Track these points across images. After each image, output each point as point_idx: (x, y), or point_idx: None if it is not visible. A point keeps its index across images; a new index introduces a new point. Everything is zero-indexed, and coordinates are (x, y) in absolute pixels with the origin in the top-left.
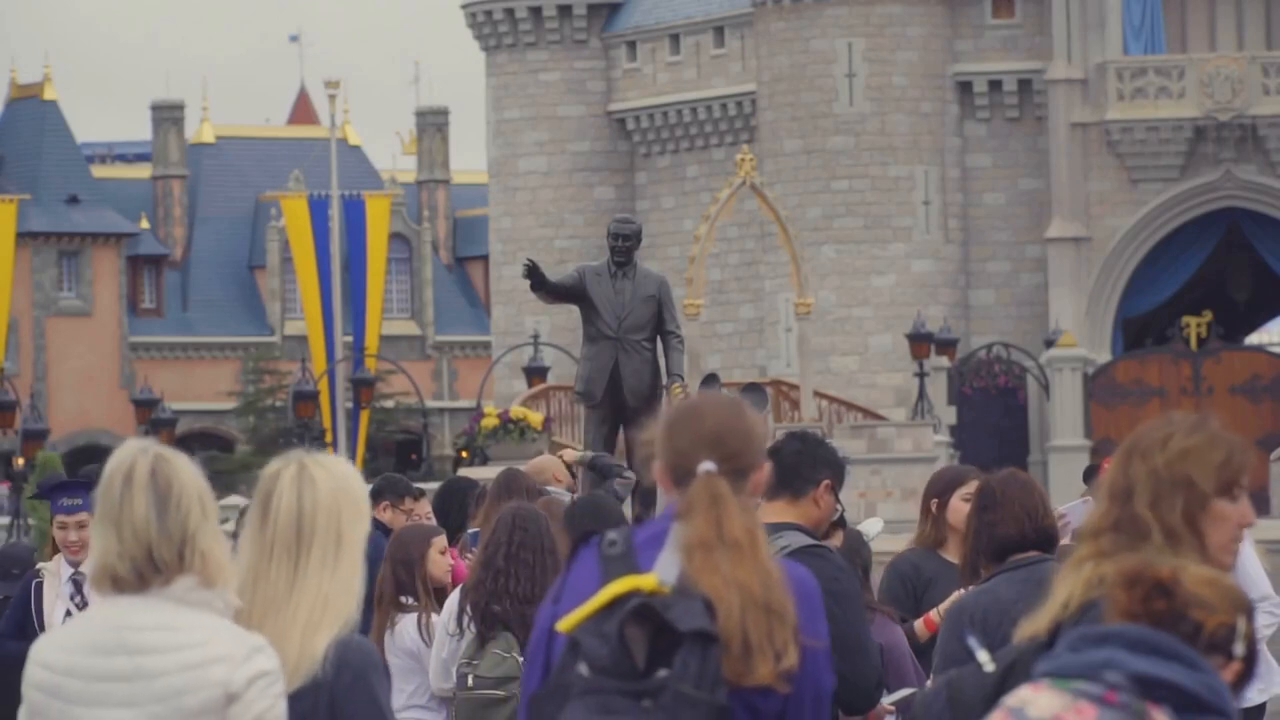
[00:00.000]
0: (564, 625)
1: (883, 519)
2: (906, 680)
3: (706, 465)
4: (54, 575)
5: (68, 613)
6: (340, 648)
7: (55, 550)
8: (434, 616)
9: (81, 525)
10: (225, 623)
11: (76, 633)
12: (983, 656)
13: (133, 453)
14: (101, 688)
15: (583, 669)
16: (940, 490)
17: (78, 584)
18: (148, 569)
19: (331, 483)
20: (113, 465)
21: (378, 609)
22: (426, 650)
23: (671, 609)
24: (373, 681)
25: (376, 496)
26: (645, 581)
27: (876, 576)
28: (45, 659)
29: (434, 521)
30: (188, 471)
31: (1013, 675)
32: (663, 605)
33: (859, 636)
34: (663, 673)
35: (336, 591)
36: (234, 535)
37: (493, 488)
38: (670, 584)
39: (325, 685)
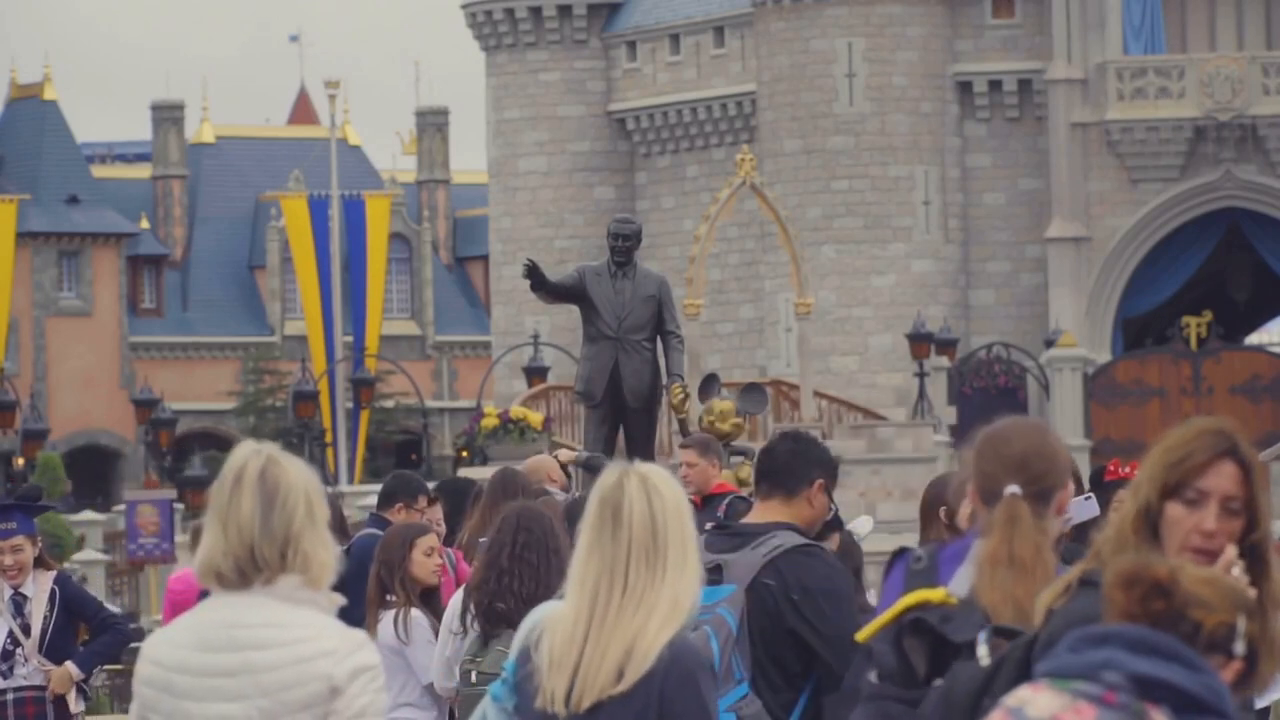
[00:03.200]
0: (862, 635)
1: (873, 518)
2: None
3: (1011, 488)
4: None
5: (9, 633)
6: (673, 646)
7: None
8: (413, 613)
9: (17, 549)
10: (330, 619)
11: (187, 630)
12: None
13: (246, 454)
14: (210, 683)
15: (872, 676)
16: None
17: (18, 604)
18: (249, 567)
19: (672, 489)
20: (227, 465)
21: (369, 609)
22: (404, 647)
23: (950, 621)
24: (699, 680)
25: (389, 499)
26: (935, 594)
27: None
28: (156, 656)
29: (443, 526)
30: (298, 475)
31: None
32: (940, 617)
33: (851, 636)
34: (938, 682)
35: (685, 592)
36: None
37: (490, 488)
38: (959, 597)
39: (656, 681)
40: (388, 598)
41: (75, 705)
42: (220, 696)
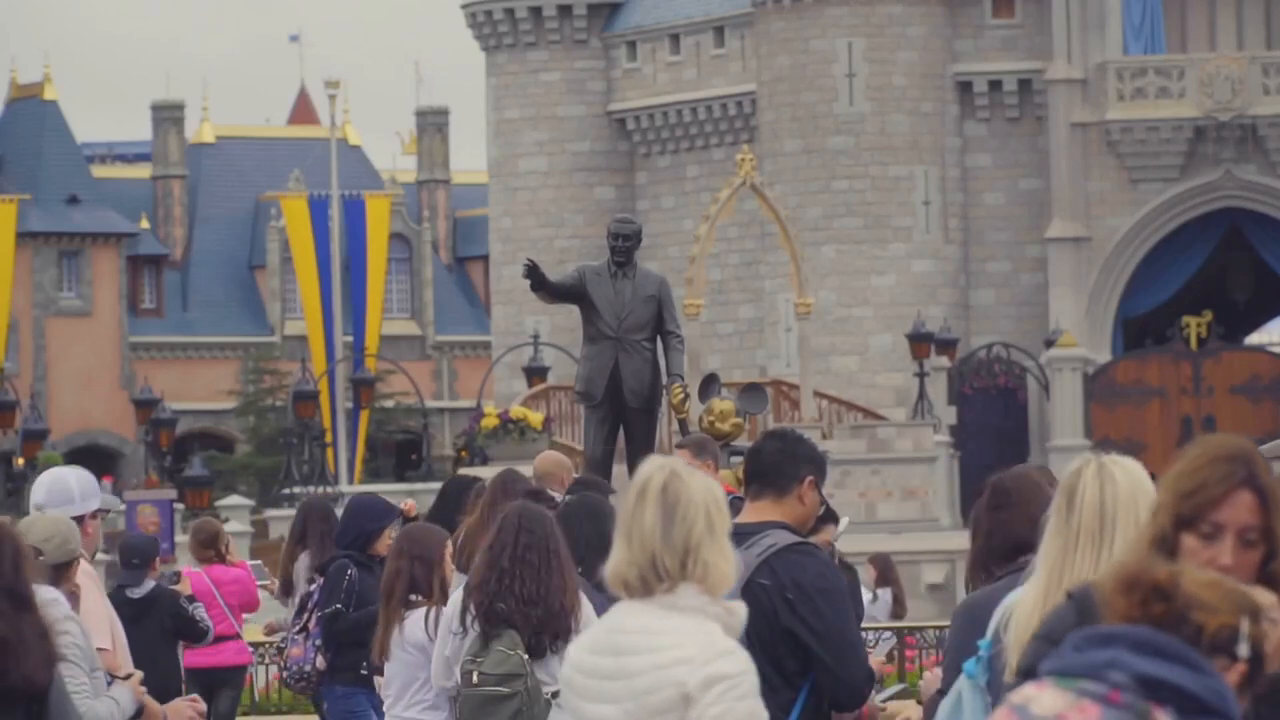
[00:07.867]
0: None
1: (849, 519)
2: None
3: None
4: None
5: None
6: None
7: None
8: (444, 611)
9: None
10: (707, 626)
11: (591, 634)
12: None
13: (651, 470)
14: (597, 684)
15: None
16: None
17: None
18: (651, 576)
19: (1128, 478)
20: (633, 481)
21: (385, 604)
22: (433, 645)
23: None
24: None
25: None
26: None
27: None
28: (570, 655)
29: None
30: (699, 489)
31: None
32: None
33: (847, 633)
34: None
35: None
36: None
37: (491, 488)
38: None
39: None
40: (412, 597)
41: None
42: (602, 698)
